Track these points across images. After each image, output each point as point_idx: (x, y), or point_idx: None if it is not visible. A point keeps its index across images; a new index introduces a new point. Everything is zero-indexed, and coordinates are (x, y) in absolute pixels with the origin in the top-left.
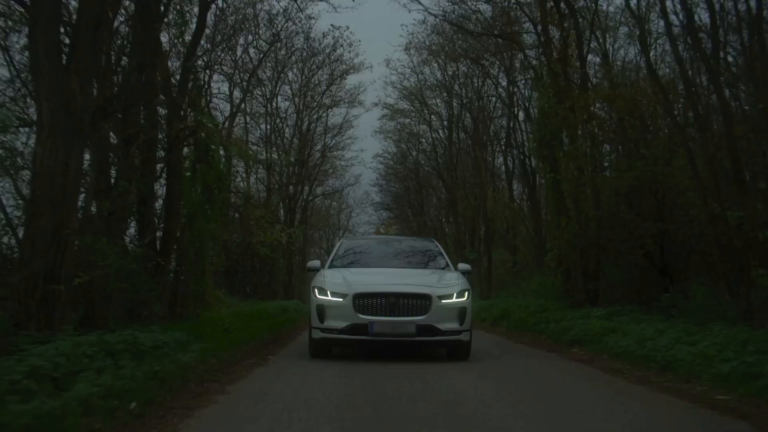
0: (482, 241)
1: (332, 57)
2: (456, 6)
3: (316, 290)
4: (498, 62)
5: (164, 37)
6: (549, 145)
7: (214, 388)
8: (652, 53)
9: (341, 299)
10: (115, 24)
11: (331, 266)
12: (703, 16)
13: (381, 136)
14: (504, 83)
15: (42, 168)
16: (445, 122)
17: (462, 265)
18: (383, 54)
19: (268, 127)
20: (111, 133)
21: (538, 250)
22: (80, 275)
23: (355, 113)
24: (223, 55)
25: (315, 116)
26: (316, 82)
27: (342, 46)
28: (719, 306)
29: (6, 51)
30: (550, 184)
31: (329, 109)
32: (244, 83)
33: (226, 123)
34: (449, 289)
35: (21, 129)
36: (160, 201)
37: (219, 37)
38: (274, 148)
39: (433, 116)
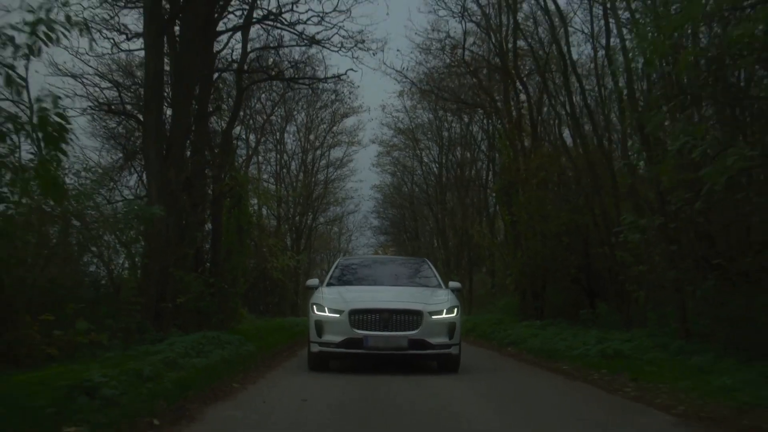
0: (466, 267)
1: (334, 103)
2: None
3: (314, 307)
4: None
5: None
6: (507, 192)
7: (273, 364)
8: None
9: (338, 315)
10: None
11: (328, 284)
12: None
13: (378, 169)
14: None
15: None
16: (435, 161)
17: (452, 283)
18: (380, 94)
19: (277, 164)
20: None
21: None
22: (179, 297)
23: (354, 148)
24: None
25: (319, 153)
26: (319, 121)
27: (343, 93)
28: (614, 318)
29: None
30: (508, 224)
31: (331, 148)
32: (258, 127)
33: (243, 164)
34: (439, 305)
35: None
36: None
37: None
38: (283, 185)
39: (424, 152)
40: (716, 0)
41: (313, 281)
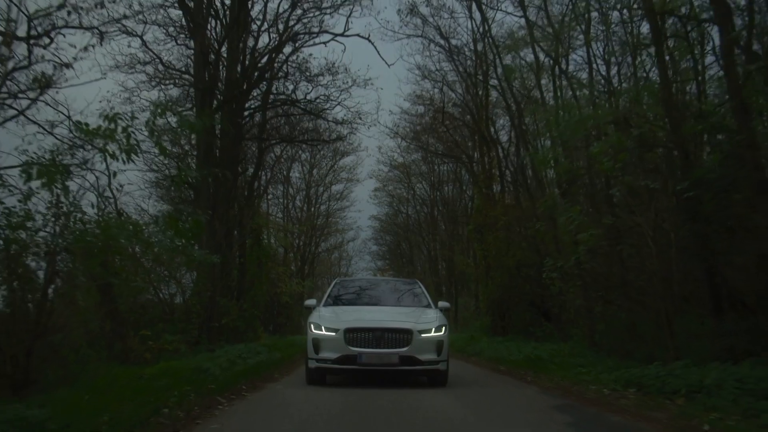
0: (453, 291)
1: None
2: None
3: (312, 325)
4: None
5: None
6: (479, 231)
7: (296, 365)
8: None
9: (333, 333)
10: None
11: (325, 304)
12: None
13: (376, 201)
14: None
15: (203, 265)
16: (427, 196)
17: (441, 303)
18: (377, 135)
19: (284, 197)
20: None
21: None
22: (223, 319)
23: (353, 183)
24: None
25: (321, 188)
26: (321, 157)
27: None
28: (554, 333)
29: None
30: (480, 258)
31: (332, 185)
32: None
33: (256, 201)
34: (428, 324)
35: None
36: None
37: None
38: (290, 218)
39: (416, 186)
40: (577, 128)
41: (310, 301)
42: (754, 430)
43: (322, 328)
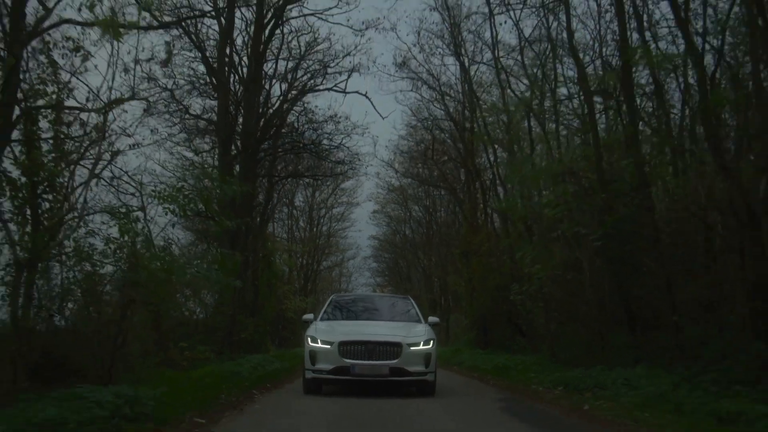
0: (446, 307)
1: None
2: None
3: (309, 339)
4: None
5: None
6: (466, 255)
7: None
8: None
9: (329, 346)
10: None
11: (322, 318)
12: None
13: (375, 222)
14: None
15: (224, 291)
16: (423, 219)
17: (431, 318)
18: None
19: (289, 219)
20: None
21: None
22: (242, 333)
23: (353, 206)
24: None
25: (323, 210)
26: (323, 182)
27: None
28: (527, 347)
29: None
30: (467, 279)
31: (333, 207)
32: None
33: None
34: (417, 338)
35: None
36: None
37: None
38: (294, 240)
39: (413, 209)
40: (533, 179)
41: (308, 316)
42: (616, 408)
43: (318, 340)
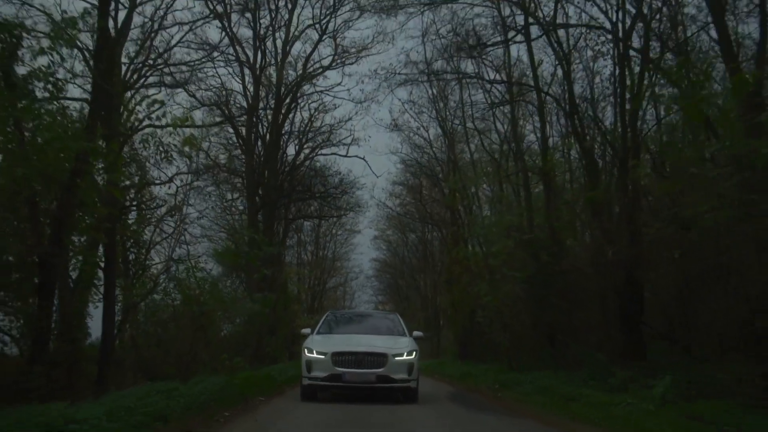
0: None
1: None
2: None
3: (305, 350)
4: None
5: None
6: (449, 282)
7: None
8: None
9: (323, 356)
10: None
11: (318, 332)
12: None
13: (375, 246)
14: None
15: (253, 316)
16: (419, 243)
17: (416, 333)
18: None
19: (298, 246)
20: None
21: None
22: (266, 348)
23: (355, 234)
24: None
25: (328, 237)
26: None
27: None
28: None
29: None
30: (450, 303)
31: (337, 234)
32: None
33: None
34: (401, 349)
35: None
36: None
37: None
38: (303, 265)
39: (410, 235)
40: (488, 232)
41: (306, 330)
42: (516, 395)
43: (314, 351)
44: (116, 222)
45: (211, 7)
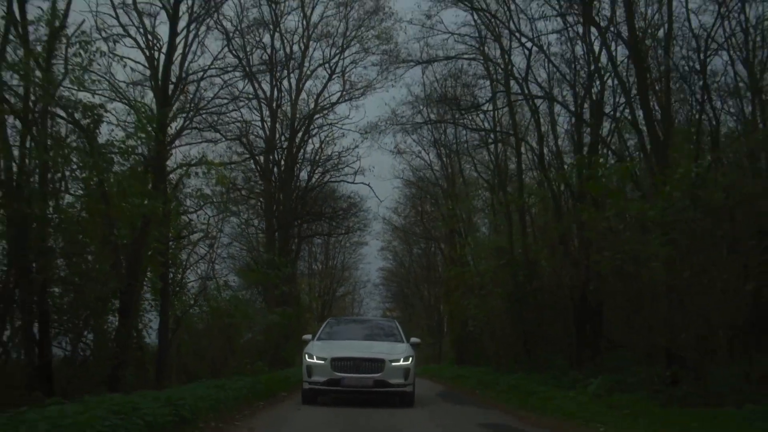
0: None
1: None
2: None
3: (306, 355)
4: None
5: None
6: (448, 294)
7: None
8: None
9: (323, 361)
10: None
11: (318, 338)
12: None
13: (382, 257)
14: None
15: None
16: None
17: (413, 339)
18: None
19: (309, 258)
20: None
21: None
22: (283, 353)
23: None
24: None
25: (337, 248)
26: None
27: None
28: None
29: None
30: (448, 312)
31: (345, 244)
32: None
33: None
34: (398, 355)
35: None
36: None
37: None
38: (314, 275)
39: (415, 248)
40: (478, 251)
41: (307, 336)
42: (489, 392)
43: (314, 356)
44: (167, 252)
45: (244, 68)
